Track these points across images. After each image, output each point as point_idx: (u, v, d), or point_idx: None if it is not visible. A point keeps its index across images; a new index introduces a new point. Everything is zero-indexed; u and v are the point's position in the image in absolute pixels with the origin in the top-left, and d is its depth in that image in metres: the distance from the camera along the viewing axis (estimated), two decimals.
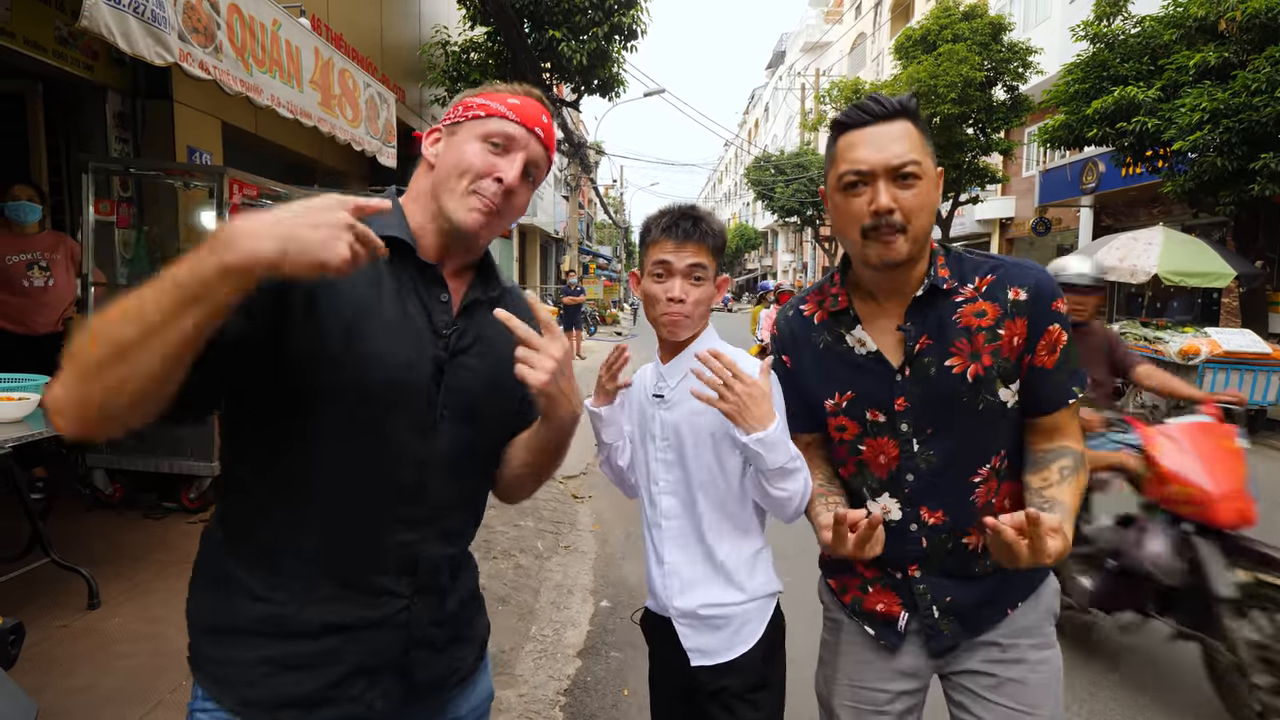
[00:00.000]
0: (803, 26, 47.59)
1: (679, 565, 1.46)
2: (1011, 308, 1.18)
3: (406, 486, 0.99)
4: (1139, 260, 8.88)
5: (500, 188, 1.01)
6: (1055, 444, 1.21)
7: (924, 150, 1.15)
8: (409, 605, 1.01)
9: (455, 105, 1.08)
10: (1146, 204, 14.60)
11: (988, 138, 15.99)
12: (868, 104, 1.16)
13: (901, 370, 1.22)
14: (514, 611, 3.36)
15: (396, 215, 1.03)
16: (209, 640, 0.97)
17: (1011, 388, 1.20)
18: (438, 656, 1.06)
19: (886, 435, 1.25)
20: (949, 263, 1.23)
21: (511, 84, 1.09)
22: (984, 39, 15.10)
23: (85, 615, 2.91)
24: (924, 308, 1.21)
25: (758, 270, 62.61)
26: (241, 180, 4.21)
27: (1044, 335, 1.18)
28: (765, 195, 31.28)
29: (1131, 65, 9.78)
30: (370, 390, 0.94)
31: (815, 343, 1.32)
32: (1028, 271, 1.20)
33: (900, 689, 1.32)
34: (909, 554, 1.26)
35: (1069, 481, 1.15)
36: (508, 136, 1.03)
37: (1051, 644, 1.29)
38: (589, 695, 2.75)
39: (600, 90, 10.02)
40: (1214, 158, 8.41)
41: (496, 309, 0.95)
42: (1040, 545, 0.97)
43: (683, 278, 1.41)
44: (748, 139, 60.23)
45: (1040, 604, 1.30)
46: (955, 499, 1.23)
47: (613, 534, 4.61)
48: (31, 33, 4.20)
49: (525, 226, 22.19)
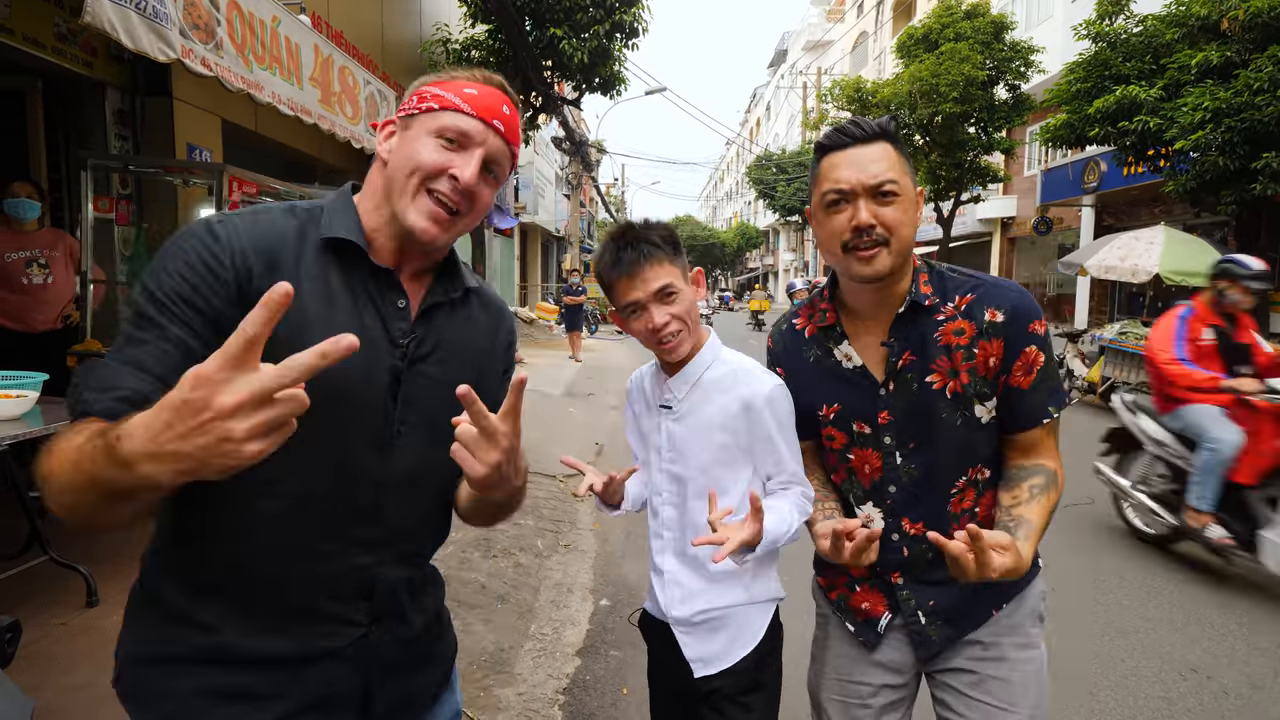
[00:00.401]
0: (804, 25, 47.53)
1: (679, 575, 1.45)
2: (988, 328, 1.20)
3: (363, 508, 0.93)
4: (1140, 260, 8.86)
5: (456, 186, 0.94)
6: (1030, 461, 1.24)
7: (903, 170, 1.20)
8: (366, 633, 0.95)
9: (410, 94, 0.99)
10: (1148, 203, 14.58)
11: (989, 137, 15.97)
12: (848, 127, 1.22)
13: (885, 385, 1.26)
14: (513, 610, 3.35)
15: (350, 215, 0.96)
16: (142, 669, 0.91)
17: (987, 405, 1.23)
18: (402, 681, 1.00)
19: (871, 447, 1.30)
20: (931, 279, 1.26)
21: (472, 70, 1.00)
22: (986, 38, 15.07)
23: (84, 613, 2.90)
24: (907, 324, 1.25)
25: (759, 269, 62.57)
26: (240, 178, 4.20)
27: (1020, 356, 1.20)
28: (767, 194, 31.28)
29: (1133, 64, 9.76)
30: (321, 407, 0.85)
31: (806, 356, 1.37)
32: (1006, 293, 1.22)
33: (883, 682, 1.36)
34: (891, 562, 1.30)
35: (1038, 500, 1.18)
36: (462, 132, 0.94)
37: (1035, 644, 1.31)
38: (588, 694, 2.75)
39: (601, 88, 10.00)
40: (1216, 157, 8.38)
41: (460, 387, 0.76)
42: (985, 560, 1.00)
43: (656, 304, 1.35)
44: (749, 137, 60.17)
45: (1025, 605, 1.32)
46: (934, 510, 1.27)
47: (613, 533, 4.60)
48: (31, 29, 4.19)
49: (526, 225, 22.19)
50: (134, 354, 0.81)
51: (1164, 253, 8.73)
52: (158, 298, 0.83)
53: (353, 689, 0.95)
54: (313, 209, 0.96)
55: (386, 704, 0.99)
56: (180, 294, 0.83)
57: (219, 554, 0.90)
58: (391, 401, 0.94)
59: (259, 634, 0.90)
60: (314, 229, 0.94)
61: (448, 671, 1.12)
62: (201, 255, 0.85)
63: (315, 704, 0.92)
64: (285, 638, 0.90)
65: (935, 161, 16.29)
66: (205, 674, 0.89)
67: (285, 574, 0.90)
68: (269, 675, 0.90)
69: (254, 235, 0.88)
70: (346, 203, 0.99)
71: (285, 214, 0.94)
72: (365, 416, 0.92)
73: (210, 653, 0.89)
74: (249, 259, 0.86)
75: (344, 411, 0.89)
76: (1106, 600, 3.62)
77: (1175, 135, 8.71)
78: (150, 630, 0.91)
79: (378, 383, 0.92)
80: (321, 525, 0.90)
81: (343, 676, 0.94)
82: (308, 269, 0.90)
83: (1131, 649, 3.13)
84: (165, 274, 0.84)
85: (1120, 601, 3.61)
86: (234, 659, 0.89)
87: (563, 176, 23.52)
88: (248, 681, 0.89)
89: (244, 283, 0.85)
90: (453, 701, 1.14)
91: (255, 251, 0.87)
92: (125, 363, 0.81)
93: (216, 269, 0.84)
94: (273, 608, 0.90)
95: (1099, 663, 3.00)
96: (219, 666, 0.89)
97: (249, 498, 0.87)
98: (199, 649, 0.89)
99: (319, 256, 0.92)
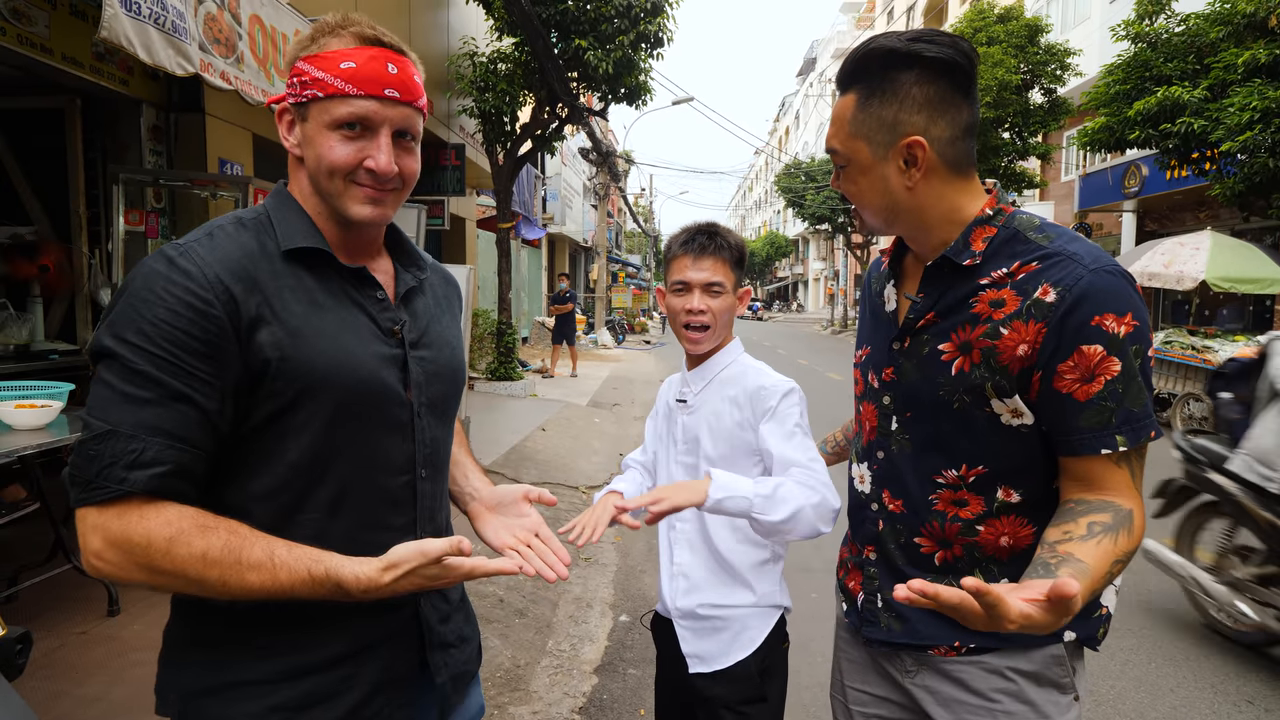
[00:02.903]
0: (834, 33, 47.34)
1: (688, 566, 1.51)
2: (1031, 307, 0.97)
3: (396, 494, 0.96)
4: (1185, 266, 8.56)
5: (376, 175, 0.91)
6: (1095, 496, 0.96)
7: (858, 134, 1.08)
8: (416, 611, 0.99)
9: (292, 67, 0.91)
10: (1193, 208, 14.11)
11: (1024, 142, 15.64)
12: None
13: (901, 339, 1.11)
14: (531, 625, 3.29)
15: (303, 219, 0.93)
16: (202, 701, 0.89)
17: (1007, 403, 1.00)
18: (450, 653, 1.04)
19: (873, 403, 1.18)
20: (998, 236, 1.04)
21: (340, 27, 0.90)
22: (1020, 41, 14.80)
23: (105, 622, 2.93)
24: (941, 281, 1.06)
25: (789, 278, 62.16)
26: (266, 190, 4.25)
27: (1073, 355, 0.94)
28: (796, 203, 31.06)
29: (1176, 64, 9.46)
30: (351, 417, 0.90)
31: (872, 290, 1.26)
32: (1076, 268, 0.95)
33: (884, 694, 1.23)
34: (868, 532, 1.20)
35: (1099, 540, 0.90)
36: (358, 118, 0.88)
37: (1043, 714, 1.06)
38: (605, 714, 2.67)
39: (628, 99, 10.00)
40: (1265, 159, 8.08)
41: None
42: (1001, 610, 0.73)
43: (701, 291, 1.46)
44: (778, 146, 60.01)
45: (1023, 661, 1.08)
46: (915, 493, 1.11)
47: (634, 546, 4.52)
48: (70, 49, 4.31)
49: (554, 235, 22.32)
50: (145, 418, 0.79)
51: (1210, 259, 8.41)
52: (148, 351, 0.79)
53: (411, 666, 0.99)
54: (259, 217, 0.93)
55: (448, 677, 1.03)
56: (174, 342, 0.80)
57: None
58: (404, 390, 0.96)
59: (317, 639, 0.91)
60: (269, 239, 0.91)
61: (479, 655, 1.15)
62: (179, 296, 0.80)
63: (381, 687, 0.95)
64: (343, 636, 0.92)
65: None
66: (271, 692, 0.89)
67: None
68: (334, 674, 0.91)
69: (221, 258, 0.85)
70: (293, 206, 0.95)
71: (237, 227, 0.90)
72: (390, 411, 0.94)
73: (271, 672, 0.89)
74: (227, 284, 0.83)
75: (371, 414, 0.92)
76: (1155, 625, 3.43)
77: (1221, 136, 8.40)
78: (202, 664, 0.90)
79: (390, 377, 0.94)
80: (369, 521, 0.93)
81: (400, 655, 0.97)
82: (283, 279, 0.89)
83: (1183, 678, 2.94)
84: (146, 322, 0.80)
85: (1168, 626, 3.41)
86: (296, 671, 0.90)
87: (590, 187, 23.67)
88: (314, 686, 0.90)
89: (232, 312, 0.83)
90: (478, 695, 1.17)
91: (229, 275, 0.84)
92: (143, 429, 0.79)
93: (202, 307, 0.81)
94: (325, 610, 0.89)
95: (1145, 691, 2.83)
96: (283, 683, 0.89)
97: (285, 515, 0.88)
98: (259, 671, 0.89)
99: (287, 265, 0.90)
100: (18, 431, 2.70)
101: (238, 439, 0.87)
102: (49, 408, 2.78)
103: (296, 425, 0.87)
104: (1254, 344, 2.98)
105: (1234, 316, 12.89)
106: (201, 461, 0.83)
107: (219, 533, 0.80)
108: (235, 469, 0.88)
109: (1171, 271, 8.66)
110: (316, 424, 0.88)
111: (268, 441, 0.87)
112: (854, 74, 1.05)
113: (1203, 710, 2.71)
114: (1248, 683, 2.91)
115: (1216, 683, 2.91)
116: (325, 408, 0.88)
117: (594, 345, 19.34)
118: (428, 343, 1.02)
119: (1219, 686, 2.88)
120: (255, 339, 0.84)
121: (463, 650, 1.09)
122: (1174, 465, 3.37)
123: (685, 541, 1.51)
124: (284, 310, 0.87)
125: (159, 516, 0.79)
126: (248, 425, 0.86)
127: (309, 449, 0.88)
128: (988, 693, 1.08)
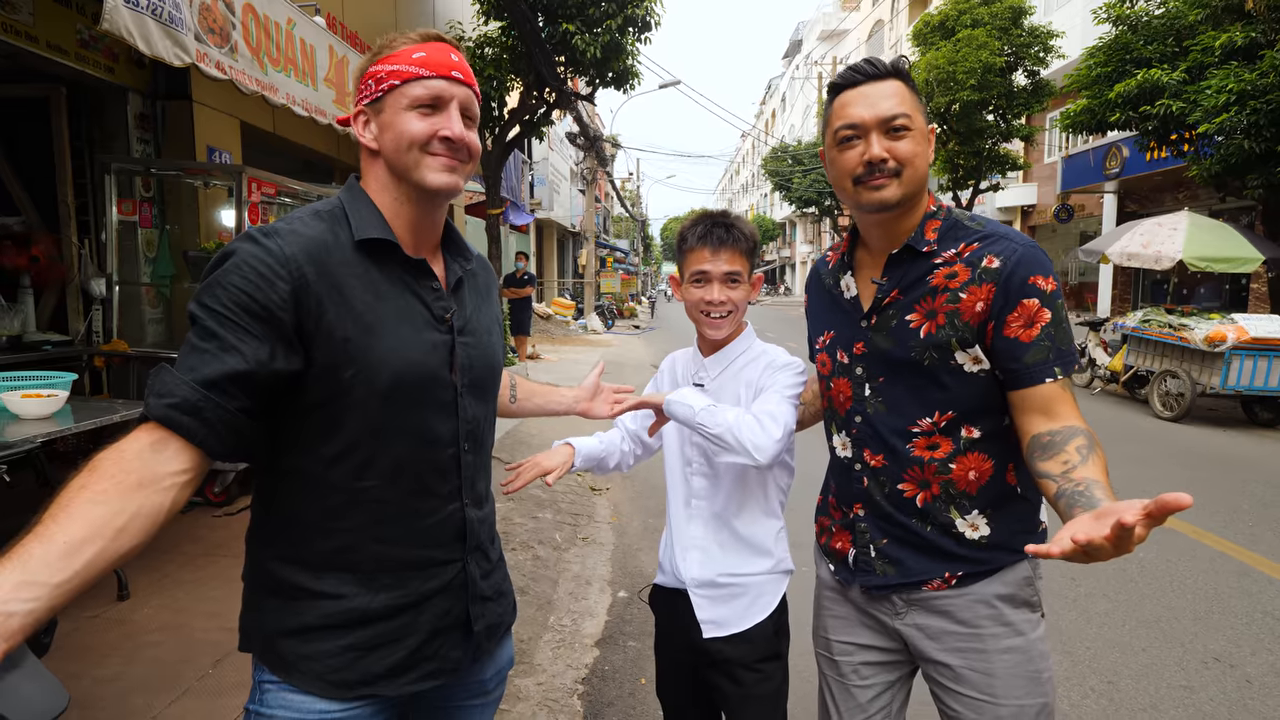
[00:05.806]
0: (819, 14, 47.08)
1: (704, 540, 1.56)
2: (981, 274, 1.19)
3: (443, 465, 1.07)
4: (1163, 246, 8.71)
5: (450, 143, 1.02)
6: (1059, 424, 1.14)
7: (915, 107, 1.22)
8: (463, 567, 1.11)
9: (363, 79, 1.05)
10: (1172, 189, 14.31)
11: (1008, 124, 15.76)
12: (861, 65, 1.24)
13: (869, 317, 1.30)
14: (532, 602, 3.39)
15: (374, 212, 1.04)
16: (286, 642, 1.01)
17: (969, 352, 1.20)
18: (488, 605, 1.17)
19: (845, 376, 1.34)
20: (943, 226, 1.26)
21: (406, 34, 1.06)
22: (1004, 24, 14.87)
23: (115, 606, 2.98)
24: (901, 266, 1.26)
25: (776, 261, 62.21)
26: (259, 179, 4.27)
27: (1017, 308, 1.16)
28: (783, 186, 31.10)
29: (1155, 47, 9.57)
30: (403, 397, 1.00)
31: (824, 283, 1.44)
32: (1012, 244, 1.20)
33: (869, 643, 1.37)
34: (855, 491, 1.34)
35: (1091, 460, 1.06)
36: (433, 95, 1.02)
37: (1020, 631, 1.24)
38: (606, 684, 2.78)
39: (615, 83, 9.98)
40: (1241, 140, 8.22)
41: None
42: (1127, 540, 0.80)
43: (720, 283, 1.51)
44: (765, 129, 59.77)
45: (999, 587, 1.24)
46: (894, 446, 1.28)
47: (630, 525, 4.63)
48: (54, 36, 4.27)
49: (542, 220, 22.25)
50: (192, 363, 0.90)
51: (1188, 239, 8.56)
52: (216, 311, 0.91)
53: (459, 617, 1.11)
54: (333, 209, 1.04)
55: (485, 627, 1.16)
56: (238, 304, 0.91)
57: (329, 534, 1.01)
58: (450, 373, 1.07)
59: (381, 590, 1.03)
60: (342, 229, 1.01)
61: (513, 609, 1.27)
62: (256, 267, 0.92)
63: (435, 633, 1.08)
64: (403, 589, 1.05)
65: (954, 150, 16.11)
66: (343, 634, 1.01)
67: (392, 536, 1.03)
68: (396, 621, 1.04)
69: (301, 243, 0.95)
70: (365, 199, 1.05)
71: (314, 218, 1.01)
72: (436, 392, 1.05)
73: (342, 617, 1.01)
74: (302, 265, 0.94)
75: (420, 394, 1.03)
76: (1128, 589, 3.59)
77: (1199, 119, 8.53)
78: (280, 607, 1.02)
79: (439, 361, 1.05)
80: (420, 489, 1.05)
81: (451, 606, 1.10)
82: (351, 268, 0.99)
83: (1153, 638, 3.10)
84: (222, 288, 0.91)
85: (1141, 591, 3.58)
86: (364, 618, 1.02)
87: (577, 172, 23.55)
88: (380, 630, 1.03)
89: (300, 288, 0.93)
90: (509, 647, 1.28)
91: (306, 258, 0.95)
92: (183, 372, 0.90)
93: (272, 277, 0.92)
94: (386, 566, 1.03)
95: (1119, 652, 2.98)
96: (355, 627, 1.02)
97: (349, 482, 1.00)
98: (331, 614, 1.01)
99: (355, 255, 1.00)
100: (24, 421, 2.74)
101: (304, 410, 0.97)
102: (55, 397, 2.82)
103: (356, 401, 0.97)
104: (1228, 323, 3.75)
105: (1211, 295, 13.14)
106: (219, 410, 0.89)
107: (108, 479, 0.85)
108: (309, 437, 0.98)
109: (1150, 251, 8.81)
110: (374, 401, 0.98)
111: (333, 413, 0.97)
112: (892, 70, 1.22)
113: (1171, 668, 2.86)
114: (1214, 641, 3.07)
115: (1185, 641, 3.07)
116: (380, 387, 0.98)
117: (584, 330, 19.38)
118: (472, 329, 1.12)
119: (1188, 645, 3.04)
120: (324, 321, 0.94)
121: (499, 603, 1.21)
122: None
123: (701, 517, 1.56)
124: (351, 296, 0.97)
125: (140, 441, 0.87)
126: (312, 399, 0.96)
127: (366, 423, 0.98)
128: (973, 620, 1.25)
